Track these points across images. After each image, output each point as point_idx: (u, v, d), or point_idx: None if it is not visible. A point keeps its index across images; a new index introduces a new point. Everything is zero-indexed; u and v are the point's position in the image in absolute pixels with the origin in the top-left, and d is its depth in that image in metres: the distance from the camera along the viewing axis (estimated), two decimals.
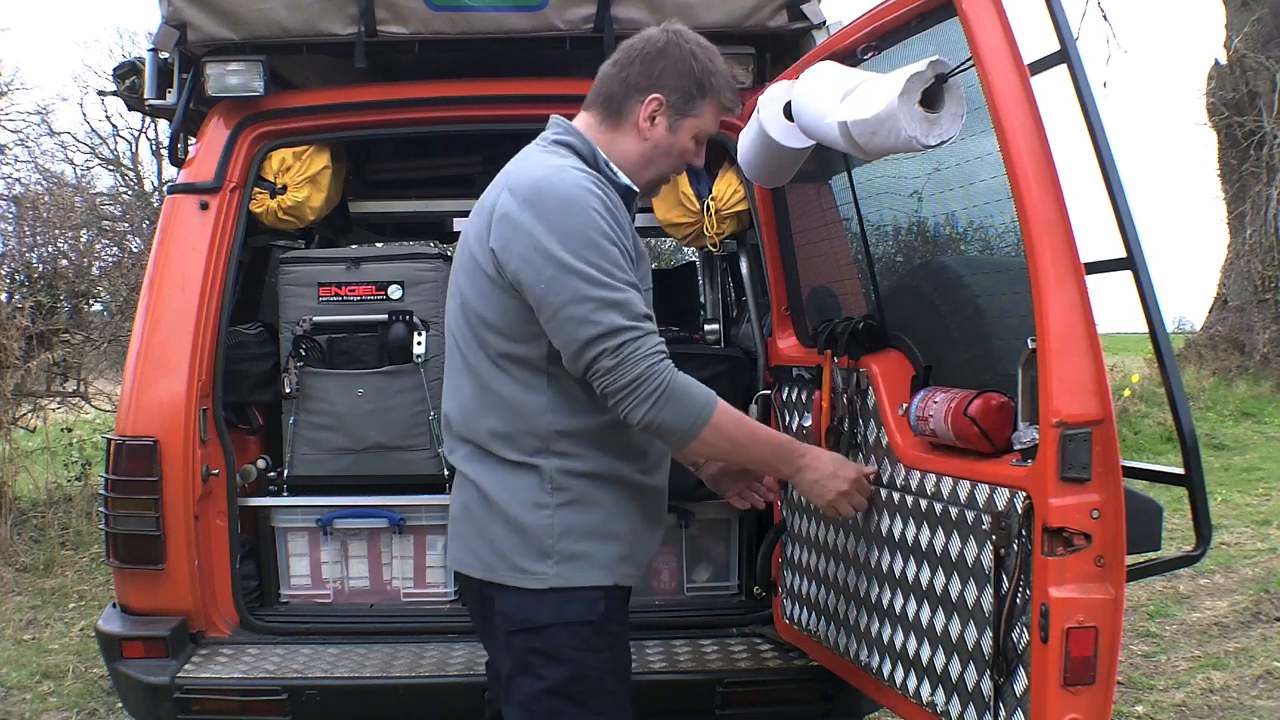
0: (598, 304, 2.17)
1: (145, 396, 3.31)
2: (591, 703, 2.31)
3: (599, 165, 2.38)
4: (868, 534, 2.78)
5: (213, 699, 3.11)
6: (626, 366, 2.18)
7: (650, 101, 2.39)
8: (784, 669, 3.22)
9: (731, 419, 2.32)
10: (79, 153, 22.42)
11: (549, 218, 2.22)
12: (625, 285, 2.21)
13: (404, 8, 3.35)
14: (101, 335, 8.57)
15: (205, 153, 3.47)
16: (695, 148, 2.47)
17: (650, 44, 2.43)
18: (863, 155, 2.54)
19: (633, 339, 2.18)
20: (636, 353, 2.18)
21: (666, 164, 2.45)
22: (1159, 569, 2.29)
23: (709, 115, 2.43)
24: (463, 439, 2.40)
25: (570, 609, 2.29)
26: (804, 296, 3.47)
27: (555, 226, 2.20)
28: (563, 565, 2.29)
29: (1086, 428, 2.05)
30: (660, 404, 2.20)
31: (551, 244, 2.19)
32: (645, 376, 2.18)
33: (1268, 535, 7.11)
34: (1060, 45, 2.13)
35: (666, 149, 2.42)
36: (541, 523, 2.30)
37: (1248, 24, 14.68)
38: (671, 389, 2.21)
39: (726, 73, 2.46)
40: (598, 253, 2.20)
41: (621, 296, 2.19)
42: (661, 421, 2.21)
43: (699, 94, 2.40)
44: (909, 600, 2.60)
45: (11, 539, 6.92)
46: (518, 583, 2.31)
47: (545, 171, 2.30)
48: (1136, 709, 4.47)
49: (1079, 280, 2.08)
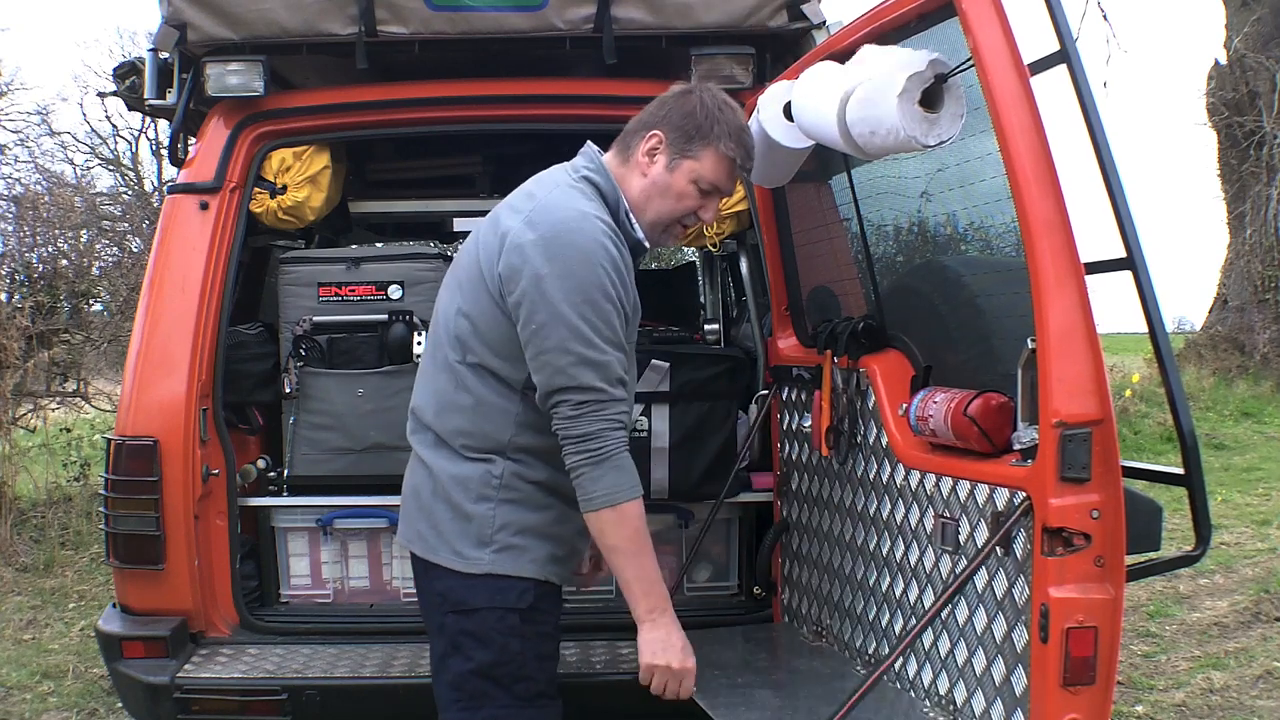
0: (577, 359, 2.29)
1: (145, 396, 3.31)
2: (516, 688, 2.41)
3: (619, 215, 2.44)
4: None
5: (213, 699, 3.12)
6: (583, 422, 2.30)
7: (650, 137, 2.46)
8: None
9: (635, 525, 2.35)
10: (79, 153, 22.43)
11: (559, 264, 2.29)
12: (610, 347, 2.31)
13: (404, 8, 3.35)
14: (101, 335, 8.57)
15: (205, 153, 3.47)
16: (697, 194, 2.47)
17: (671, 91, 2.52)
18: (862, 155, 2.54)
19: (597, 400, 2.30)
20: (596, 413, 2.30)
21: (664, 205, 2.47)
22: (1159, 569, 2.30)
23: (708, 161, 2.44)
24: (427, 428, 2.51)
25: (502, 595, 2.40)
26: (804, 296, 3.47)
27: (563, 274, 2.29)
28: (499, 554, 2.41)
29: (1086, 428, 2.05)
30: (594, 464, 2.31)
31: (554, 290, 2.28)
32: (594, 435, 2.30)
33: (1268, 535, 7.10)
34: (1060, 45, 2.13)
35: (664, 188, 2.45)
36: (484, 514, 2.41)
37: (1248, 24, 14.67)
38: (611, 458, 2.31)
39: (738, 126, 2.47)
40: (594, 311, 2.29)
41: (602, 359, 2.30)
42: (589, 480, 2.32)
43: (698, 137, 2.43)
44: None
45: (11, 539, 6.91)
46: (456, 565, 2.43)
47: (569, 215, 2.35)
48: (1136, 709, 4.47)
49: (1079, 280, 2.08)
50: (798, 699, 2.77)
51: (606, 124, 3.64)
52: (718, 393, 3.57)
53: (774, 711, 2.70)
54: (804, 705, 2.70)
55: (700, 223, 2.55)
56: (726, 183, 2.49)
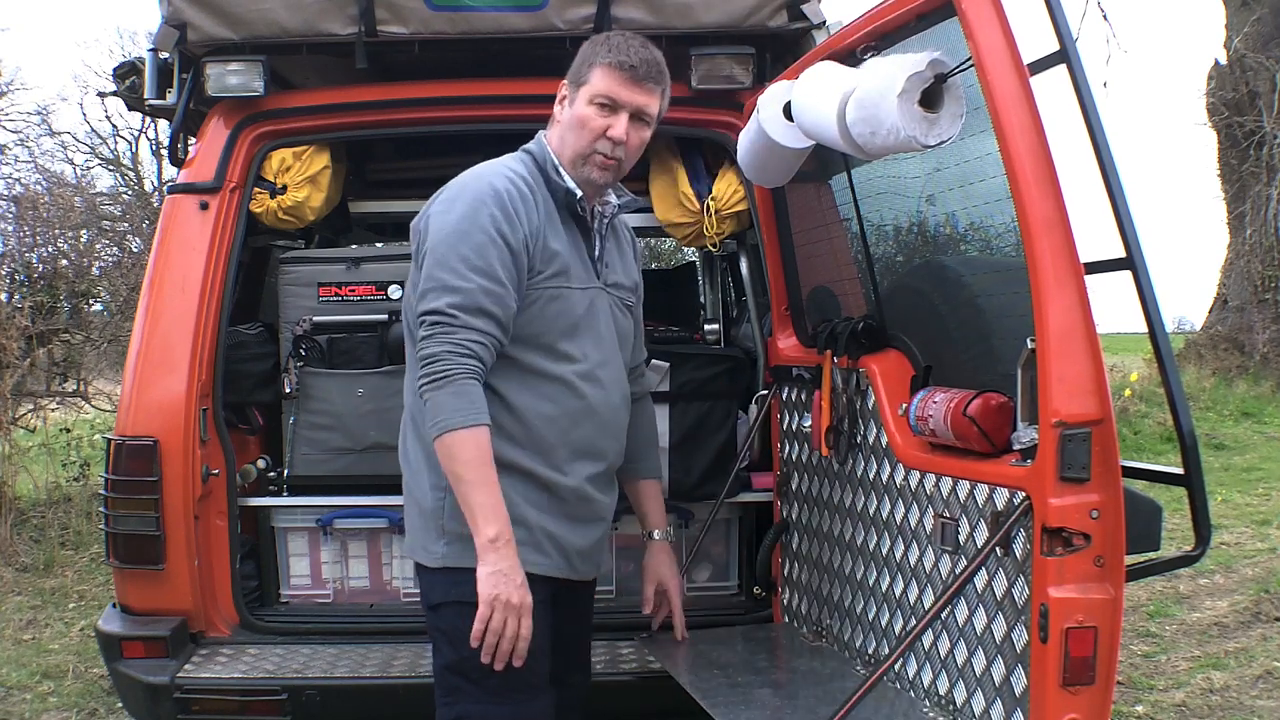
0: (438, 285, 2.34)
1: (145, 396, 3.31)
2: (487, 683, 2.38)
3: (545, 169, 2.51)
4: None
5: (213, 699, 3.12)
6: (430, 343, 2.32)
7: (561, 88, 2.56)
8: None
9: (474, 454, 2.29)
10: (79, 153, 22.37)
11: (445, 203, 2.43)
12: (477, 275, 2.34)
13: (404, 8, 3.35)
14: (101, 335, 8.56)
15: (205, 153, 3.47)
16: (599, 113, 2.48)
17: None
18: (862, 155, 2.54)
19: (449, 324, 2.32)
20: (445, 335, 2.32)
21: (575, 138, 2.50)
22: (1159, 569, 2.30)
23: (597, 78, 2.48)
24: (406, 423, 2.57)
25: (458, 589, 2.38)
26: (804, 296, 3.47)
27: (445, 213, 2.40)
28: (452, 545, 2.42)
29: (1086, 428, 2.05)
30: (435, 387, 2.30)
31: (435, 226, 2.40)
32: (438, 357, 2.31)
33: (1268, 535, 7.10)
34: (1060, 45, 2.13)
35: (570, 123, 2.51)
36: (435, 504, 2.44)
37: (1248, 24, 14.67)
38: (453, 381, 2.29)
39: (619, 41, 2.51)
40: (465, 241, 2.35)
41: (463, 285, 2.33)
42: (431, 404, 2.31)
43: (584, 64, 2.51)
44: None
45: (11, 539, 6.91)
46: (423, 560, 2.49)
47: (478, 168, 2.50)
48: (1136, 709, 4.46)
49: (1078, 280, 2.08)
50: (798, 699, 2.77)
51: None
52: (718, 393, 3.57)
53: (774, 711, 2.70)
54: (804, 705, 2.70)
55: (613, 144, 2.48)
56: (621, 90, 2.46)
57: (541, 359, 2.45)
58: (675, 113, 3.56)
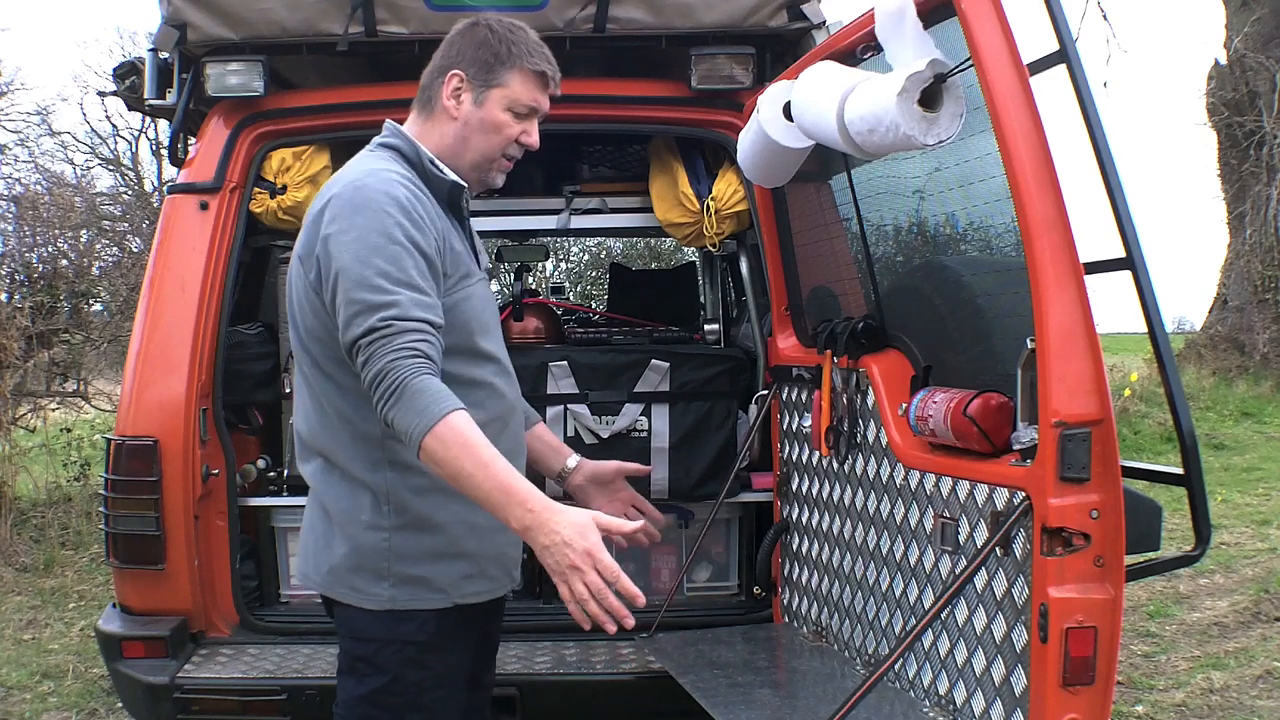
0: (362, 306, 2.11)
1: (145, 396, 3.31)
2: (408, 718, 2.29)
3: (422, 164, 2.33)
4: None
5: (213, 699, 3.11)
6: (373, 363, 2.08)
7: (450, 78, 2.35)
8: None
9: (463, 440, 2.04)
10: (79, 153, 22.36)
11: (341, 220, 2.18)
12: (400, 288, 2.13)
13: (404, 8, 3.35)
14: (101, 335, 8.56)
15: (205, 153, 3.47)
16: (516, 121, 2.37)
17: (455, 30, 2.41)
18: (862, 155, 2.54)
19: (385, 333, 2.09)
20: (384, 347, 2.08)
21: (484, 141, 2.36)
22: (1159, 569, 2.30)
23: (517, 84, 2.35)
24: (313, 451, 2.37)
25: (402, 629, 2.27)
26: (804, 296, 3.48)
27: (345, 229, 2.17)
28: (399, 589, 2.27)
29: (1086, 428, 2.05)
30: (394, 401, 2.06)
31: (337, 246, 2.17)
32: (384, 372, 2.07)
33: (1268, 535, 7.10)
34: (1060, 45, 2.13)
35: (478, 124, 2.34)
36: (378, 545, 2.27)
37: (1248, 24, 14.67)
38: (407, 387, 2.05)
39: (534, 41, 2.38)
40: (379, 254, 2.14)
41: (389, 299, 2.11)
42: (393, 421, 2.07)
43: (498, 63, 2.34)
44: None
45: (11, 539, 6.92)
46: (354, 601, 2.30)
47: (355, 175, 2.27)
48: (1136, 709, 4.46)
49: (1078, 280, 2.08)
50: (798, 699, 2.77)
51: (606, 124, 3.68)
52: (717, 393, 3.57)
53: (774, 711, 2.70)
54: (804, 705, 2.70)
55: (524, 149, 2.40)
56: (542, 97, 2.39)
57: (465, 365, 2.29)
58: (675, 113, 3.59)
